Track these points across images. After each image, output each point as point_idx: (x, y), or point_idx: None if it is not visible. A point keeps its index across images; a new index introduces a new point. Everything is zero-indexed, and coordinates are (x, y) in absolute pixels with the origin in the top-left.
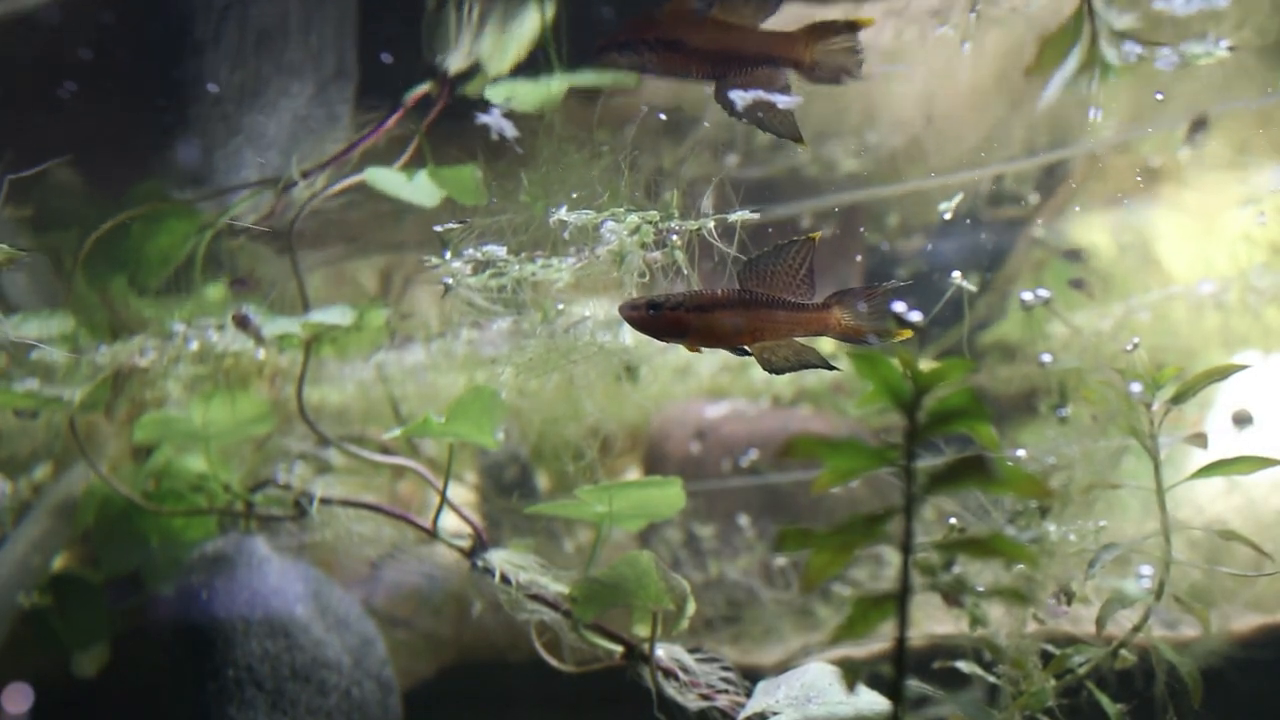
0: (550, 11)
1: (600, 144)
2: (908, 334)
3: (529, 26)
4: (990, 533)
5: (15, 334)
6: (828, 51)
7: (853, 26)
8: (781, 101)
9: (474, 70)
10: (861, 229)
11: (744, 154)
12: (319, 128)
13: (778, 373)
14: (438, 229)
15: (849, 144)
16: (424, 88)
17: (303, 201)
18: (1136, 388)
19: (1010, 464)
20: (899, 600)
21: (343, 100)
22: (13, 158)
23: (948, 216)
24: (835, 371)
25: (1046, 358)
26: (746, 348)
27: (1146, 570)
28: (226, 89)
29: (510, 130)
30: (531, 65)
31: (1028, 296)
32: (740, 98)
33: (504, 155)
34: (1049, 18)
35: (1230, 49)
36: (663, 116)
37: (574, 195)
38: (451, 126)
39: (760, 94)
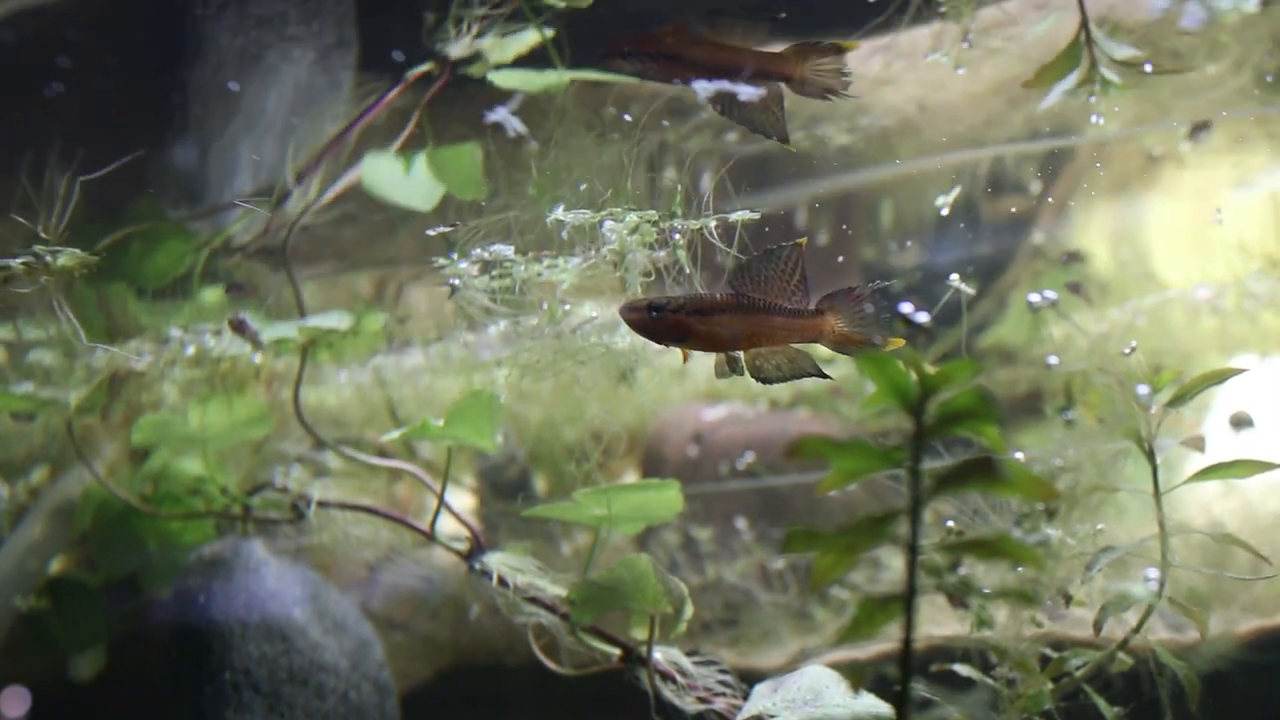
0: (550, 33)
1: (610, 132)
2: (900, 342)
3: (529, 37)
4: (996, 534)
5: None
6: (817, 71)
7: (839, 50)
8: (743, 94)
9: (476, 56)
10: (846, 227)
11: (742, 132)
12: (321, 95)
13: (769, 382)
14: (431, 232)
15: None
16: (425, 67)
17: (296, 215)
18: (1143, 390)
19: (1018, 466)
20: (905, 602)
21: (345, 67)
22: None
23: (945, 211)
24: (828, 379)
25: (1053, 359)
26: (740, 357)
27: (1152, 573)
28: (228, 54)
29: (519, 126)
30: (533, 60)
31: (1035, 298)
32: (704, 88)
33: (509, 137)
34: (1046, 46)
35: (1264, 2)
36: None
37: (581, 188)
38: (454, 97)
39: (724, 84)
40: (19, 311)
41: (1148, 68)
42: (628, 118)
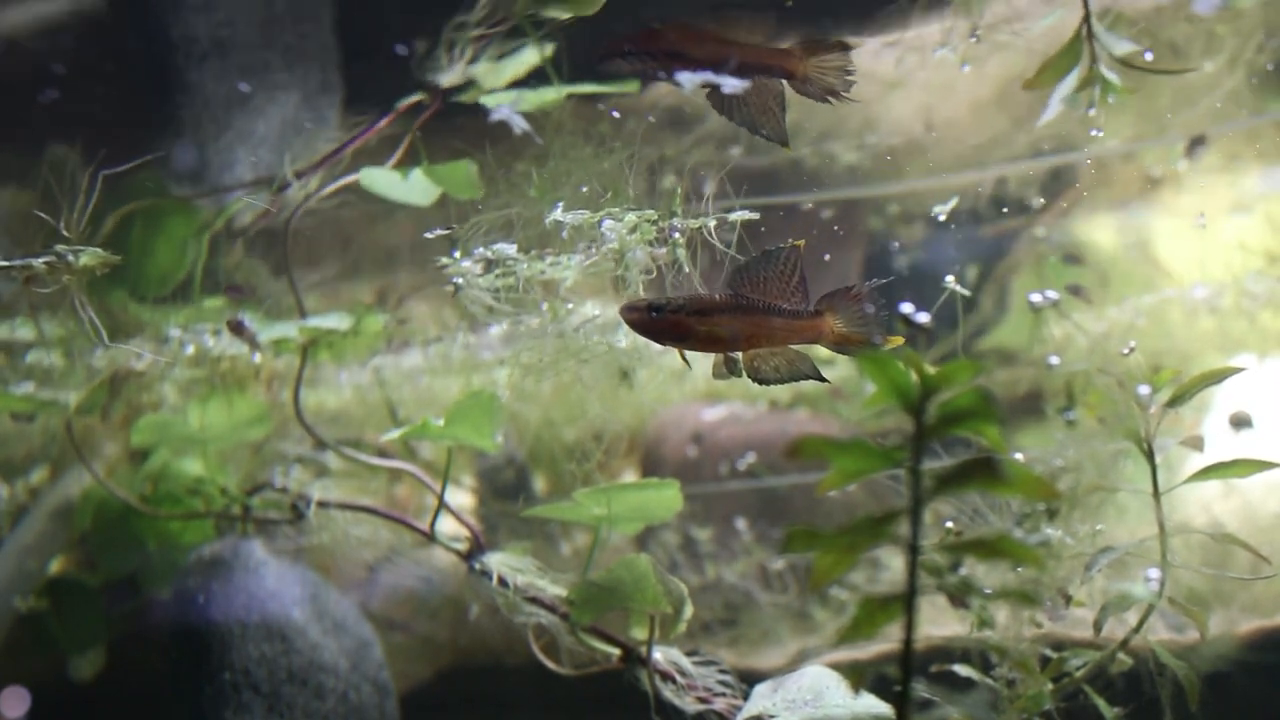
0: (549, 49)
1: (610, 141)
2: (899, 341)
3: (526, 57)
4: (997, 534)
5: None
6: (821, 69)
7: (844, 47)
8: (727, 86)
9: (468, 84)
10: (839, 228)
11: (747, 146)
12: (308, 128)
13: (766, 384)
14: (430, 234)
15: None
16: (415, 97)
17: (298, 202)
18: (1144, 390)
19: (1018, 466)
20: (905, 602)
21: (330, 106)
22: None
23: (943, 219)
24: (826, 383)
25: (1054, 360)
26: (738, 358)
27: (1152, 573)
28: (214, 97)
29: (522, 124)
30: (528, 78)
31: (1036, 298)
32: (689, 80)
33: (505, 147)
34: (1051, 40)
35: None
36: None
37: (582, 190)
38: (447, 122)
39: (710, 76)
40: (32, 310)
41: (1146, 55)
42: (616, 114)
